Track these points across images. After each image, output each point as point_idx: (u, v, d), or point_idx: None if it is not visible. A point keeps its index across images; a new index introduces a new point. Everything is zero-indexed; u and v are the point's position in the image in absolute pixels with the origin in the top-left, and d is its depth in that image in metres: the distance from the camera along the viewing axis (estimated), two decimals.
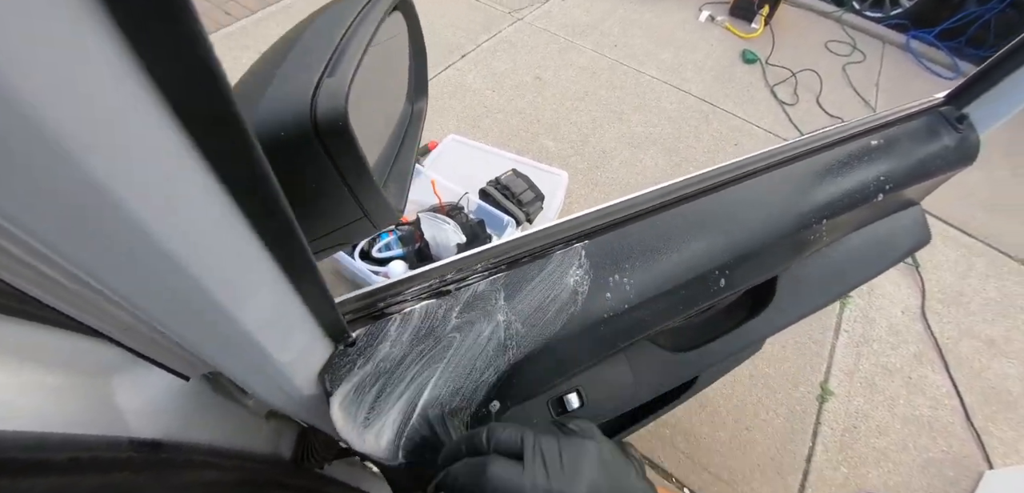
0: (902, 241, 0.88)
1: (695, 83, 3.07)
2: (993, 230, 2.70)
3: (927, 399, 1.99)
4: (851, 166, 0.71)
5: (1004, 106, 0.78)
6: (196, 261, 0.26)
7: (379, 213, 0.51)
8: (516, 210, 1.82)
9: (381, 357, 0.49)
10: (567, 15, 3.40)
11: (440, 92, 2.70)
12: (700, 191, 0.65)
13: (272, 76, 0.41)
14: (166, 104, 0.21)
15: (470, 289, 0.53)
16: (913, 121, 0.79)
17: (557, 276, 0.56)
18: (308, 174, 0.42)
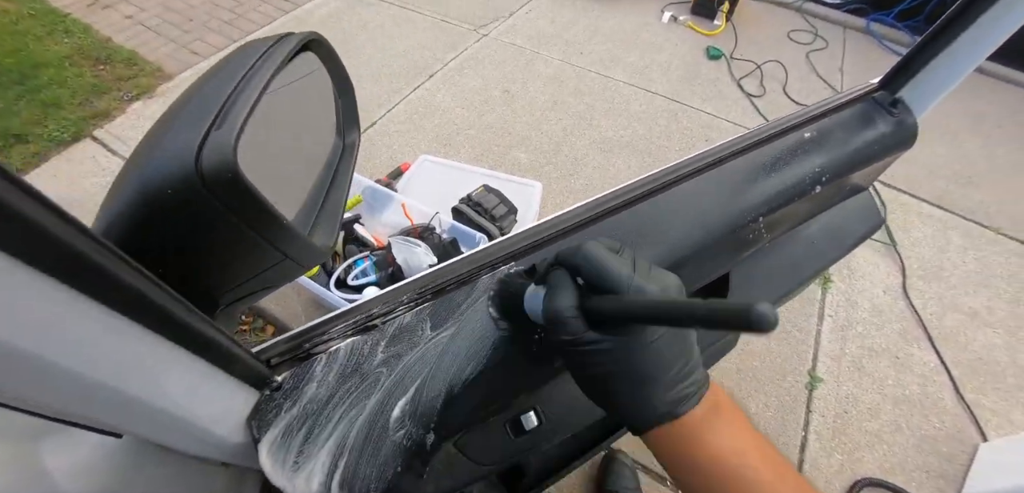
0: (854, 228, 0.87)
1: (662, 83, 3.07)
2: (967, 202, 2.71)
3: (916, 377, 1.97)
4: (784, 161, 0.69)
5: (936, 87, 0.77)
6: (93, 368, 0.28)
7: (302, 253, 0.48)
8: (489, 226, 1.78)
9: (308, 398, 0.45)
10: (532, 27, 3.39)
11: (411, 113, 2.67)
12: (631, 200, 0.63)
13: (160, 136, 0.39)
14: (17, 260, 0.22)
15: (396, 322, 0.49)
16: (847, 110, 0.78)
17: (484, 302, 0.52)
18: (209, 228, 0.39)
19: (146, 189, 0.36)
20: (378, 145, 2.47)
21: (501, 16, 3.47)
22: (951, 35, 0.70)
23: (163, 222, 0.36)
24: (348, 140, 0.61)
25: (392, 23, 3.32)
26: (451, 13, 3.46)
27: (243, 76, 0.39)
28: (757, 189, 0.66)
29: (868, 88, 0.81)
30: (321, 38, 0.52)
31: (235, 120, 0.36)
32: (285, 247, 0.45)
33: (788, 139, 0.71)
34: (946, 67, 0.73)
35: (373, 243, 1.80)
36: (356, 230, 1.75)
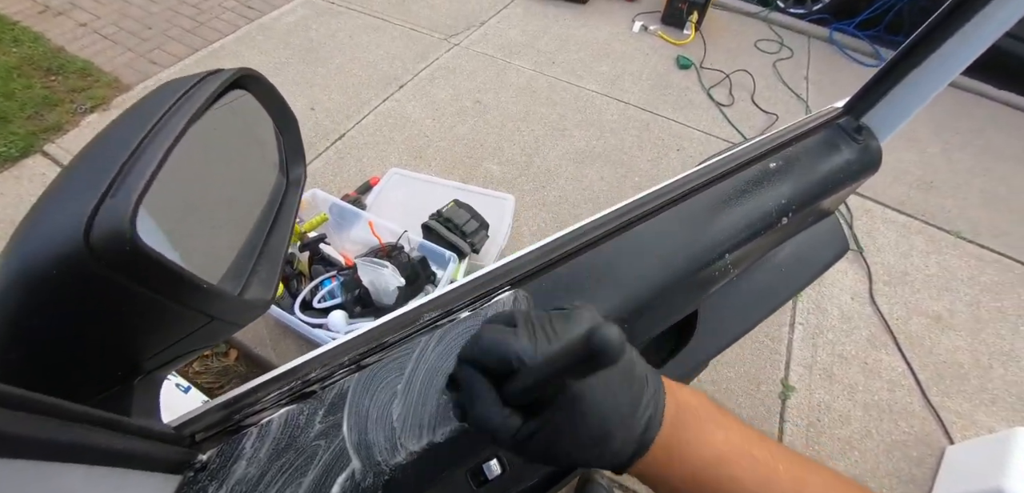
0: (820, 255, 0.85)
1: (634, 93, 3.07)
2: (928, 207, 2.77)
3: (884, 382, 1.99)
4: (749, 194, 0.67)
5: (901, 112, 0.76)
6: None
7: (233, 312, 0.43)
8: (460, 242, 1.74)
9: (236, 479, 0.39)
10: (503, 37, 3.36)
11: (380, 125, 2.60)
12: (588, 243, 0.58)
13: (47, 206, 0.33)
14: None
15: (336, 387, 0.44)
16: (811, 137, 0.76)
17: (433, 359, 0.48)
18: (110, 304, 0.33)
19: (28, 271, 0.30)
20: (347, 158, 2.40)
21: (472, 25, 3.43)
22: (914, 61, 0.68)
23: (52, 306, 0.31)
24: (293, 175, 0.56)
25: (361, 32, 3.25)
26: (421, 22, 3.40)
27: (153, 126, 0.34)
28: (722, 224, 0.64)
29: (832, 113, 0.79)
30: (254, 73, 0.47)
31: (136, 180, 0.31)
32: (208, 309, 0.40)
33: (752, 171, 0.69)
34: (910, 92, 0.72)
35: (341, 261, 1.74)
36: (322, 250, 1.69)
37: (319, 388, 0.43)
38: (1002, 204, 2.91)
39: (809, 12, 4.19)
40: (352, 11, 3.43)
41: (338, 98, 2.73)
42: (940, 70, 0.68)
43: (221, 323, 0.43)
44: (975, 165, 3.14)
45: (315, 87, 2.79)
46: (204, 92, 0.38)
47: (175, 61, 2.94)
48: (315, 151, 2.42)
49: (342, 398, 0.43)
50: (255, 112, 0.49)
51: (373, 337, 0.47)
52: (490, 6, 3.65)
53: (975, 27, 0.62)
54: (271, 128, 0.52)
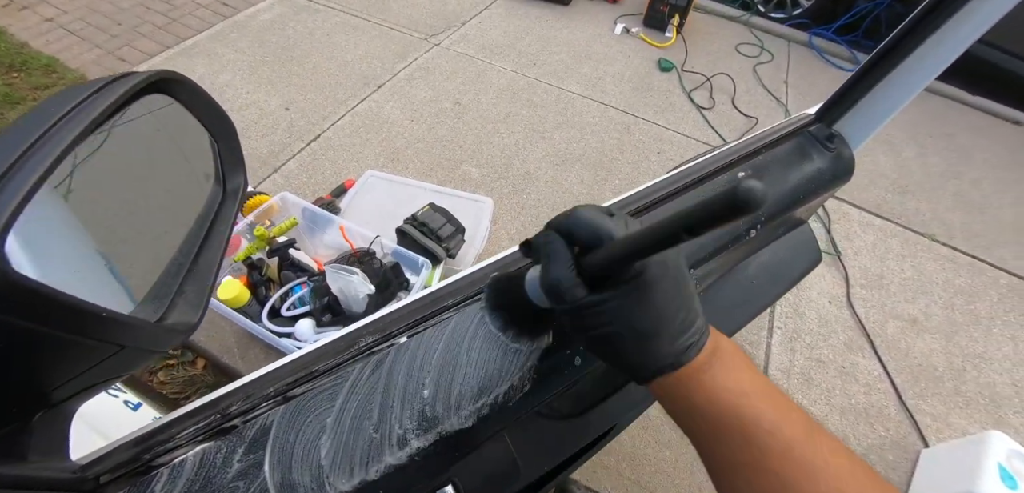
0: (793, 266, 0.83)
1: (615, 95, 3.05)
2: (904, 210, 2.80)
3: (861, 386, 2.00)
4: None
5: (872, 120, 0.74)
6: None
7: (148, 338, 0.39)
8: (436, 247, 1.69)
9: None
10: (484, 37, 3.32)
11: (357, 126, 2.55)
12: None
13: None
14: None
15: (259, 422, 0.40)
16: (782, 145, 0.73)
17: (367, 389, 0.44)
18: None
19: None
20: (321, 160, 2.35)
21: (453, 25, 3.39)
22: (886, 68, 0.67)
23: None
24: (231, 185, 0.52)
25: (339, 31, 3.18)
26: (401, 21, 3.35)
27: (36, 140, 0.30)
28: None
29: (804, 120, 0.77)
30: (178, 77, 0.43)
31: (5, 204, 0.27)
32: (115, 338, 0.36)
33: (720, 181, 0.66)
34: (882, 99, 0.70)
35: (313, 267, 1.69)
36: (292, 255, 1.63)
37: (240, 422, 0.39)
38: (974, 207, 2.95)
39: (789, 17, 4.22)
40: (330, 9, 3.36)
41: (314, 98, 2.67)
42: (911, 78, 0.67)
43: (135, 351, 0.39)
44: (948, 169, 3.18)
45: (291, 86, 2.72)
46: (105, 100, 0.34)
47: (145, 58, 2.85)
48: (289, 152, 2.36)
49: (265, 433, 0.40)
50: (183, 119, 0.45)
51: (302, 365, 0.43)
52: (471, 6, 3.61)
53: (945, 35, 0.61)
54: (205, 136, 0.48)
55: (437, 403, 0.45)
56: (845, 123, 0.75)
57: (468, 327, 0.49)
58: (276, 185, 2.20)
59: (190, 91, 0.44)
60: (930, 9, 0.60)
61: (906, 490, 1.74)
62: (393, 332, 0.46)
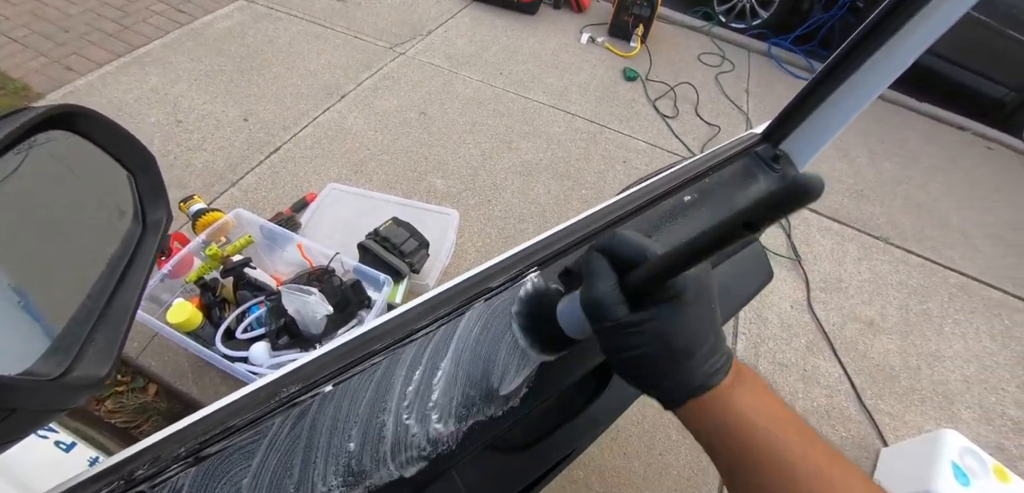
0: (745, 286, 0.82)
1: (581, 104, 3.06)
2: (859, 214, 2.88)
3: (822, 388, 2.03)
4: (663, 232, 0.62)
5: (818, 138, 0.74)
6: None
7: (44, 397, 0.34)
8: (399, 263, 1.65)
9: None
10: (450, 46, 3.29)
11: (319, 137, 2.48)
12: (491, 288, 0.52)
13: None
14: None
15: (167, 487, 0.36)
16: (728, 167, 0.72)
17: (285, 449, 0.41)
18: None
19: None
20: (282, 173, 2.27)
21: (419, 34, 3.35)
22: (830, 87, 0.66)
23: None
24: (151, 219, 0.47)
25: (302, 39, 3.10)
26: (366, 30, 3.29)
27: None
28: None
29: (750, 140, 0.76)
30: (83, 111, 0.38)
31: None
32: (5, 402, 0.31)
33: (666, 206, 0.64)
34: (827, 118, 0.70)
35: (271, 285, 1.62)
36: (247, 274, 1.57)
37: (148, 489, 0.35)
38: (924, 210, 3.06)
39: (749, 27, 4.32)
40: (292, 17, 3.28)
41: (274, 109, 2.58)
42: (854, 97, 0.66)
43: (31, 413, 0.34)
44: (900, 174, 3.29)
45: (250, 97, 2.63)
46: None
47: (94, 67, 2.72)
48: (248, 165, 2.27)
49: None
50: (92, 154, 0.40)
51: (218, 421, 0.38)
52: (437, 15, 3.58)
53: (886, 54, 0.61)
54: (119, 173, 0.44)
55: (364, 455, 0.42)
56: (791, 142, 0.75)
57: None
58: (234, 200, 2.12)
59: (99, 125, 0.39)
60: (870, 30, 0.60)
61: None
62: (318, 380, 0.42)
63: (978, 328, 2.45)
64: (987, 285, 2.70)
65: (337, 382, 0.43)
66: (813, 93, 0.68)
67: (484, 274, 0.52)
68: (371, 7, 3.51)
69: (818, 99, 0.67)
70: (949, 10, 0.54)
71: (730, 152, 0.73)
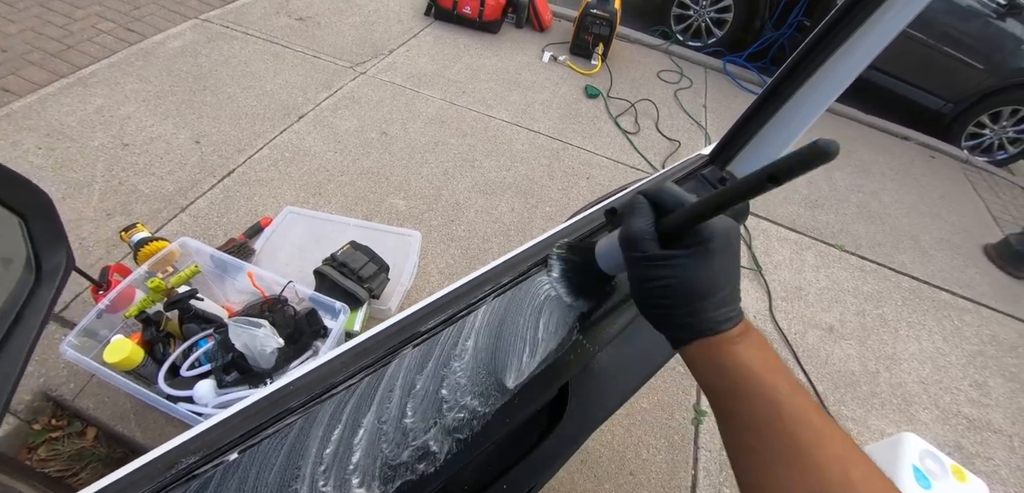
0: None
1: (544, 122, 3.03)
2: (816, 224, 2.93)
3: None
4: None
5: (763, 158, 0.72)
6: None
7: None
8: (357, 289, 1.56)
9: None
10: (412, 65, 3.23)
11: (276, 159, 2.37)
12: (420, 333, 0.47)
13: None
14: None
15: None
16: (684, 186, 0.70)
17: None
18: None
19: None
20: (235, 197, 2.15)
21: (380, 53, 3.27)
22: (772, 109, 0.65)
23: None
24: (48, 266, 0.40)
25: (259, 59, 2.99)
26: (326, 49, 3.20)
27: None
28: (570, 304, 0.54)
29: (697, 162, 0.74)
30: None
31: None
32: None
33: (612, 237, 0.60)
34: (772, 137, 0.68)
35: (222, 316, 1.51)
36: (194, 306, 1.45)
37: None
38: (876, 217, 3.15)
39: (705, 45, 4.41)
40: (249, 36, 3.16)
41: (228, 130, 2.46)
42: (799, 115, 0.65)
43: None
44: (851, 183, 3.39)
45: (203, 118, 2.51)
46: None
47: (33, 89, 2.54)
48: (199, 189, 2.15)
49: None
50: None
51: None
52: (399, 34, 3.51)
53: (830, 69, 0.59)
54: (11, 222, 0.36)
55: None
56: (737, 164, 0.73)
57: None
58: (183, 226, 1.99)
59: None
60: (810, 49, 0.58)
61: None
62: (222, 448, 0.35)
63: (931, 330, 2.51)
64: (937, 288, 2.78)
65: (243, 449, 0.36)
66: (756, 114, 0.66)
67: (412, 318, 0.46)
68: (331, 26, 3.43)
69: (762, 120, 0.66)
70: (885, 29, 0.53)
71: (678, 174, 0.71)
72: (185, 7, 3.32)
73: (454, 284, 0.51)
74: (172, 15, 3.23)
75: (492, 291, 0.51)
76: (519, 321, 0.51)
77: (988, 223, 3.52)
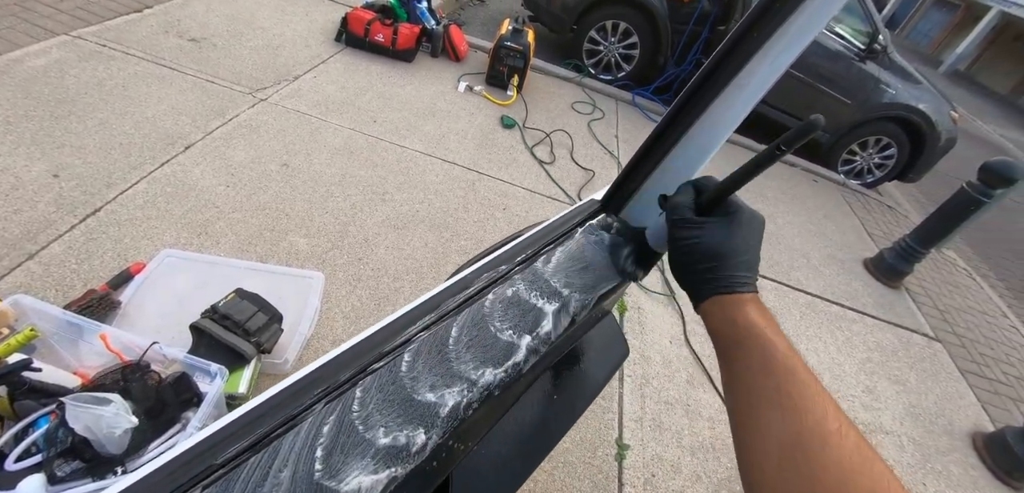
0: (600, 368, 0.74)
1: (459, 153, 2.92)
2: None
3: (705, 421, 2.01)
4: (499, 330, 0.51)
5: (651, 203, 0.68)
6: None
7: None
8: (242, 344, 1.34)
9: None
10: (319, 92, 3.00)
11: (155, 195, 2.05)
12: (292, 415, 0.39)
13: None
14: None
15: None
16: (570, 239, 0.64)
17: None
18: None
19: None
20: (101, 239, 1.82)
21: (284, 79, 3.02)
22: (659, 155, 0.62)
23: None
24: None
25: (140, 81, 2.63)
26: (222, 74, 2.89)
27: None
28: (454, 371, 0.46)
29: (589, 208, 0.70)
30: None
31: None
32: None
33: (497, 297, 0.53)
34: (664, 180, 0.64)
35: (66, 387, 1.22)
36: (29, 379, 1.16)
37: None
38: (773, 238, 3.32)
39: (615, 79, 4.54)
40: (131, 56, 2.79)
41: (97, 162, 2.11)
42: (683, 160, 0.62)
43: None
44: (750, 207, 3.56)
45: (65, 148, 2.13)
46: None
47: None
48: (54, 231, 1.80)
49: None
50: None
51: None
52: (306, 60, 3.27)
53: (714, 113, 0.57)
54: None
55: None
56: (629, 211, 0.69)
57: None
58: (29, 277, 1.65)
59: None
60: (696, 90, 0.56)
61: None
62: None
63: (826, 342, 2.64)
64: (828, 301, 2.95)
65: None
66: (643, 161, 0.64)
67: (307, 379, 0.40)
68: (229, 49, 3.12)
69: (650, 166, 0.63)
70: (769, 71, 0.53)
71: (571, 222, 0.66)
72: (54, 22, 2.88)
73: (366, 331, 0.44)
74: (35, 30, 2.79)
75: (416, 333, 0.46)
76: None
77: (865, 239, 3.85)
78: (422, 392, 0.42)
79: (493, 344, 0.49)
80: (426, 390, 0.43)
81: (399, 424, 0.40)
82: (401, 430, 0.40)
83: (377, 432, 0.39)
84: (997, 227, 5.71)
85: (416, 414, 0.41)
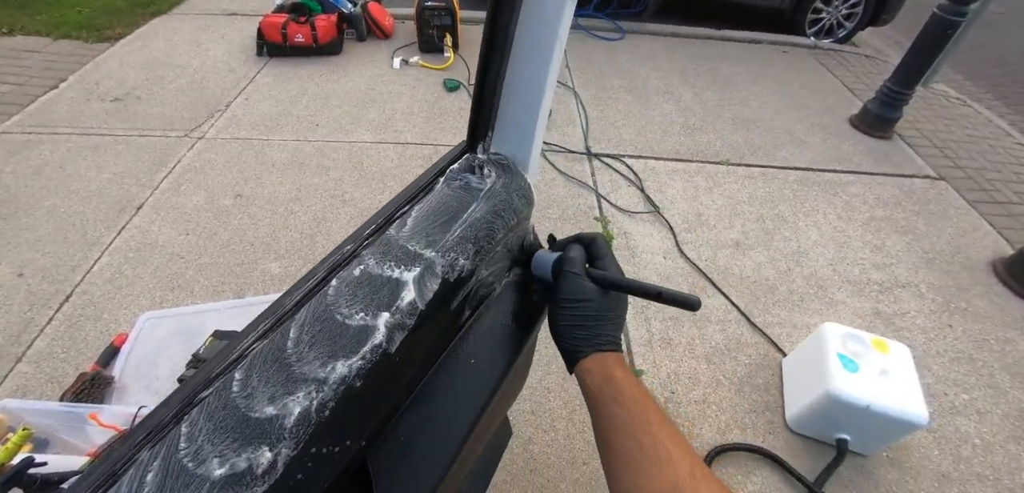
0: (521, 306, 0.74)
1: (409, 131, 2.95)
2: (698, 147, 3.08)
3: (715, 325, 2.08)
4: (347, 316, 0.49)
5: (522, 127, 0.69)
6: None
7: None
8: None
9: None
10: (254, 113, 3.00)
11: (119, 264, 2.08)
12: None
13: None
14: None
15: None
16: (437, 190, 0.64)
17: None
18: None
19: None
20: (81, 322, 1.88)
21: (216, 110, 3.02)
22: (496, 70, 0.63)
23: None
24: None
25: (76, 157, 2.63)
26: (152, 124, 2.89)
27: None
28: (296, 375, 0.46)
29: (457, 150, 0.70)
30: None
31: None
32: None
33: (346, 274, 0.52)
34: (513, 103, 0.66)
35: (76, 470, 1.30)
36: (38, 475, 1.23)
37: None
38: (750, 124, 3.37)
39: None
40: (59, 135, 2.78)
41: (56, 250, 2.14)
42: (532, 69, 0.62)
43: None
44: (721, 98, 3.61)
45: (21, 246, 2.16)
46: None
47: None
48: (35, 328, 1.85)
49: None
50: None
51: None
52: (233, 85, 3.26)
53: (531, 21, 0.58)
54: None
55: None
56: (499, 140, 0.68)
57: None
58: (23, 379, 1.71)
59: None
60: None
61: (782, 403, 1.82)
62: None
63: (825, 212, 2.71)
64: (820, 171, 3.02)
65: None
66: (483, 86, 0.63)
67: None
68: (153, 97, 3.11)
69: (494, 79, 0.63)
70: None
71: (436, 170, 0.66)
72: None
73: None
74: None
75: None
76: None
77: (847, 97, 3.89)
78: (260, 407, 0.41)
79: (341, 333, 0.46)
80: (265, 404, 0.42)
81: (235, 449, 0.39)
82: (239, 454, 0.39)
83: (210, 465, 0.38)
84: (985, 46, 5.69)
85: (255, 433, 0.40)
